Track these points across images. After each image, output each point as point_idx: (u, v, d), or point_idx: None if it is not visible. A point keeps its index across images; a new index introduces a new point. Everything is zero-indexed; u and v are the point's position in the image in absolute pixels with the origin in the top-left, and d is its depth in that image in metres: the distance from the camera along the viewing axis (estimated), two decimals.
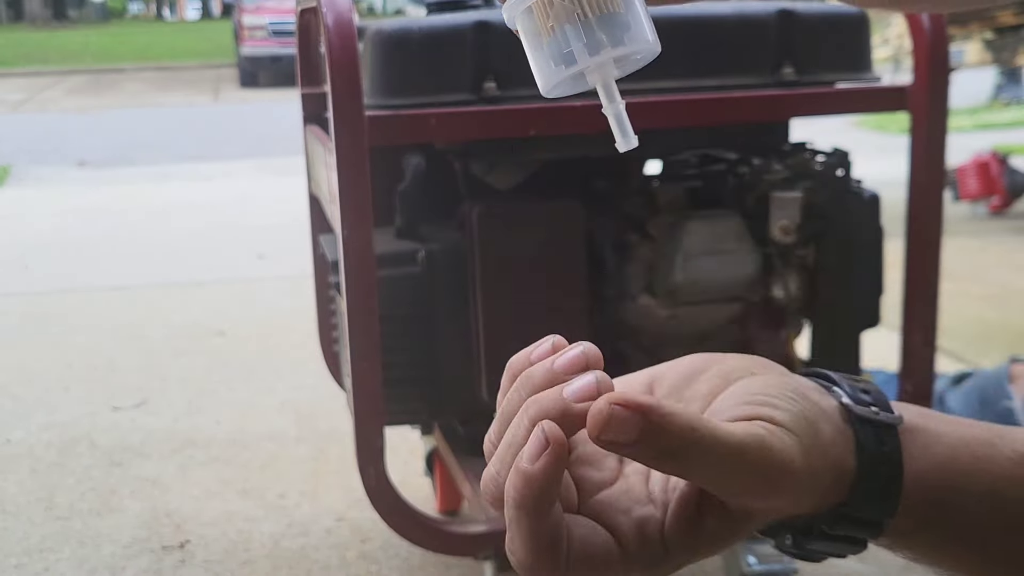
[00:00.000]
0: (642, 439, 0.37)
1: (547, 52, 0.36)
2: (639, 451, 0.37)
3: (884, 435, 0.43)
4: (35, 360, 2.42)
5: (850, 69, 1.14)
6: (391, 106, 1.02)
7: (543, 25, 0.35)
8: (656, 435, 0.37)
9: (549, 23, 0.35)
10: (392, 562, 1.43)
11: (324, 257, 1.20)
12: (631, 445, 0.37)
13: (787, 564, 1.20)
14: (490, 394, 1.13)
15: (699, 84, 1.08)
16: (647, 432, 0.37)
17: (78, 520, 1.59)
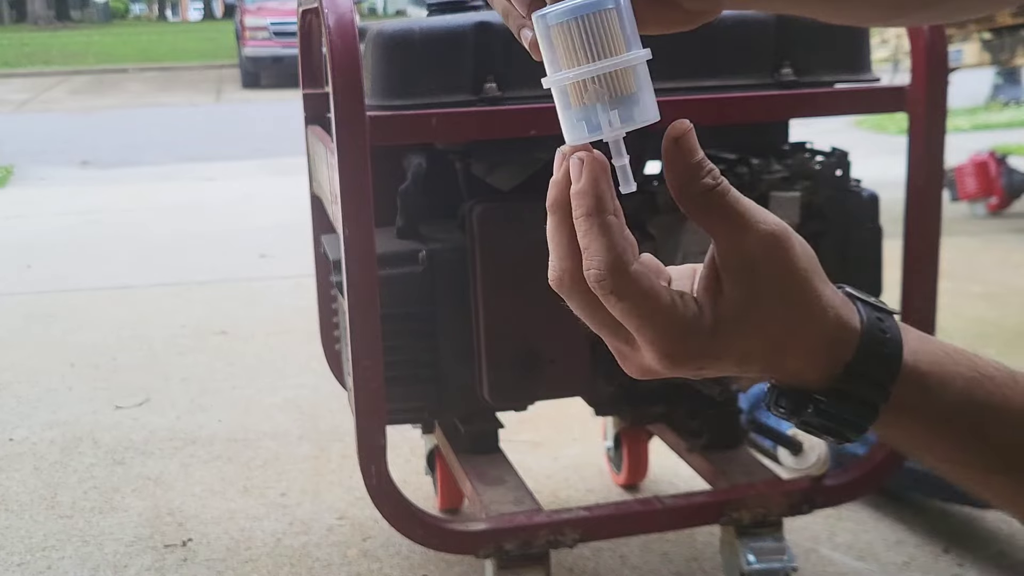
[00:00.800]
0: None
1: (576, 115, 0.48)
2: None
3: (883, 315, 0.50)
4: (38, 359, 2.43)
5: (849, 70, 1.15)
6: (392, 106, 1.02)
7: (576, 98, 0.47)
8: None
9: (583, 99, 0.47)
10: (393, 560, 1.44)
11: (326, 257, 1.21)
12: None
13: (786, 563, 1.20)
14: (491, 393, 1.13)
15: (699, 84, 1.09)
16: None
17: (81, 518, 1.60)
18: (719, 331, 0.48)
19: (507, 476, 1.23)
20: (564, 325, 1.14)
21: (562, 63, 0.47)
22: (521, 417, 1.82)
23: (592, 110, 0.47)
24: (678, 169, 0.47)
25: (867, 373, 0.49)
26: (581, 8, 0.46)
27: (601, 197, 0.47)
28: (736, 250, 0.47)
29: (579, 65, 0.46)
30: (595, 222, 0.47)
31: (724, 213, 0.47)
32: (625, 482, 1.64)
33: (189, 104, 11.61)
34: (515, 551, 1.11)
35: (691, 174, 0.47)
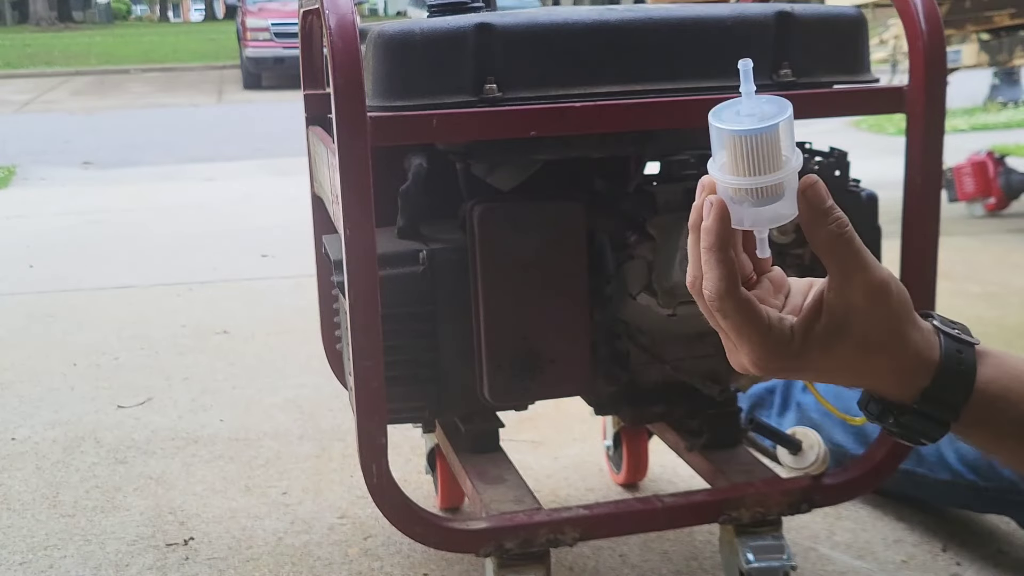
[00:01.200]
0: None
1: (741, 216, 0.60)
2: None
3: (963, 347, 0.61)
4: (40, 359, 2.44)
5: (847, 71, 1.15)
6: (393, 107, 1.03)
7: (736, 196, 0.59)
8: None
9: (742, 204, 0.59)
10: (394, 559, 1.44)
11: (327, 257, 1.21)
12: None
13: (785, 561, 1.21)
14: (491, 393, 1.14)
15: (698, 85, 1.09)
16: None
17: (83, 517, 1.60)
18: (803, 355, 0.59)
19: (507, 475, 1.24)
20: (564, 325, 1.15)
21: (727, 168, 0.59)
22: (521, 416, 1.83)
23: (741, 205, 0.59)
24: (808, 214, 0.59)
25: (940, 398, 0.61)
26: (749, 131, 0.57)
27: (721, 236, 0.59)
28: (842, 291, 0.59)
29: (740, 176, 0.58)
30: (713, 255, 0.59)
31: (841, 257, 0.58)
32: (625, 481, 1.65)
33: (191, 105, 11.62)
34: (515, 550, 1.11)
35: (819, 219, 0.59)
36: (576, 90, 1.05)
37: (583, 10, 1.09)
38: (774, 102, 0.60)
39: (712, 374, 1.21)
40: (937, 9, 1.12)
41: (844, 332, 0.59)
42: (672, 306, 1.14)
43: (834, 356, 0.60)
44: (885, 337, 0.59)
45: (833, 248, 0.58)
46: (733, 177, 0.58)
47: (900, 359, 0.60)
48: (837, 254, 0.58)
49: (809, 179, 0.58)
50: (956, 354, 0.61)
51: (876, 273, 0.59)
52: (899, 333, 0.59)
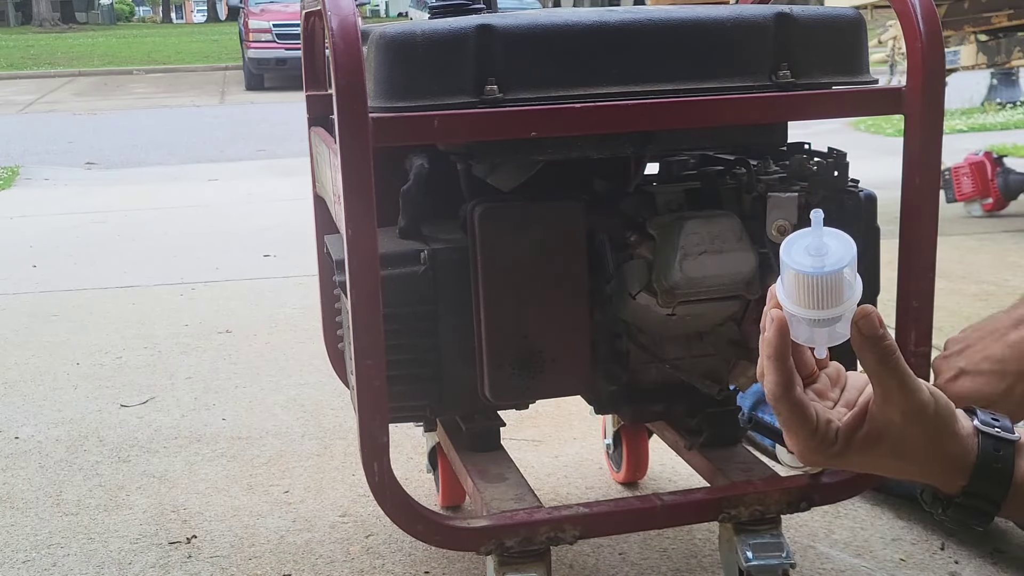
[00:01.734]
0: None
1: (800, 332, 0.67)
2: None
3: (1001, 445, 0.68)
4: (43, 358, 2.45)
5: (846, 71, 1.16)
6: (394, 108, 1.03)
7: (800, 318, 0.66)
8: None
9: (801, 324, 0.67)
10: (396, 556, 1.45)
11: (329, 257, 1.22)
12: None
13: (784, 560, 1.21)
14: (492, 392, 1.14)
15: (698, 86, 1.10)
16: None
17: (86, 516, 1.61)
18: (843, 455, 0.67)
19: (508, 473, 1.24)
20: (564, 324, 1.15)
21: (794, 299, 0.65)
22: (522, 415, 1.84)
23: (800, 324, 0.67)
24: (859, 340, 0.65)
25: (980, 494, 0.68)
26: (813, 273, 0.63)
27: (779, 348, 0.67)
28: (883, 407, 0.66)
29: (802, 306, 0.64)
30: (772, 363, 0.67)
31: (884, 379, 0.65)
32: (625, 479, 1.66)
33: (193, 105, 11.63)
34: (516, 548, 1.12)
35: (868, 346, 0.65)
36: (576, 91, 1.05)
37: (583, 11, 1.10)
38: (840, 239, 0.65)
39: (711, 373, 1.21)
40: (935, 10, 1.12)
41: (881, 441, 0.67)
42: (671, 306, 1.14)
43: (870, 458, 0.68)
44: (919, 450, 0.67)
45: (878, 372, 0.65)
46: (796, 307, 0.65)
47: (936, 464, 0.68)
48: (881, 377, 0.66)
49: (864, 311, 0.65)
50: (993, 453, 0.68)
51: (916, 396, 0.66)
52: (934, 446, 0.67)
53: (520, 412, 1.29)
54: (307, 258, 1.71)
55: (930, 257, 1.15)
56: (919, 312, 1.16)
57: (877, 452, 0.67)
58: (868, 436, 0.67)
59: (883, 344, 0.65)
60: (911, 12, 1.10)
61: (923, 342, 1.17)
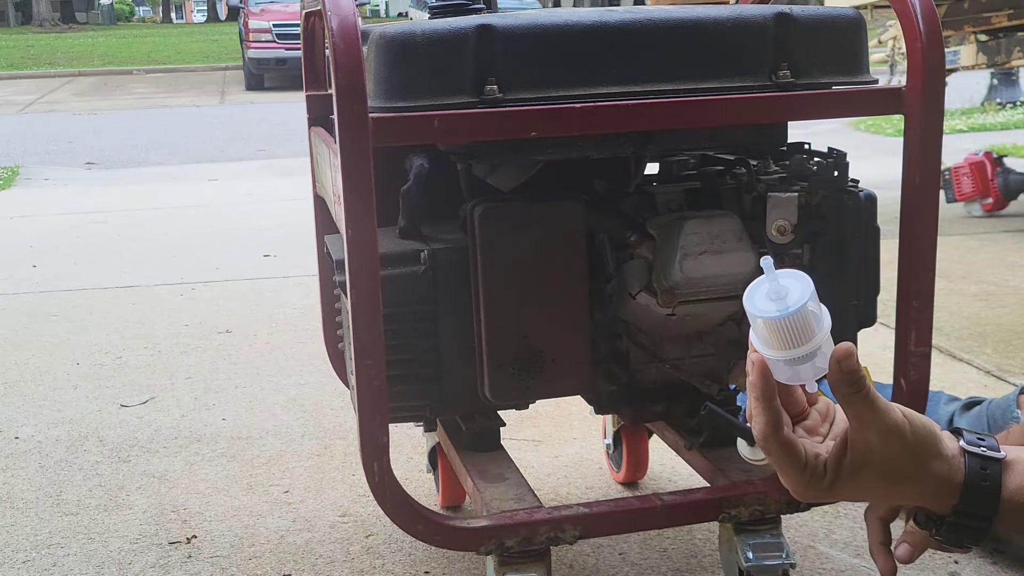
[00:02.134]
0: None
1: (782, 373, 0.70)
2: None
3: (987, 463, 0.71)
4: (43, 358, 2.45)
5: (846, 71, 1.16)
6: (394, 108, 1.03)
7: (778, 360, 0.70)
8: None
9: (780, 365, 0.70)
10: (396, 556, 1.45)
11: (329, 257, 1.22)
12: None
13: (784, 560, 1.21)
14: (492, 391, 1.14)
15: (698, 86, 1.10)
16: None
17: (86, 516, 1.61)
18: (835, 488, 0.70)
19: (508, 473, 1.24)
20: (564, 324, 1.15)
21: (769, 343, 0.68)
22: (522, 415, 1.84)
23: (781, 365, 0.69)
24: (835, 375, 0.68)
25: (970, 513, 0.71)
26: (777, 316, 0.66)
27: (763, 390, 0.70)
28: (860, 433, 0.69)
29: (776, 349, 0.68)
30: (758, 405, 0.70)
31: (857, 409, 0.68)
32: (624, 479, 1.66)
33: (193, 105, 11.63)
34: (516, 548, 1.12)
35: (843, 381, 0.68)
36: (576, 91, 1.06)
37: (583, 11, 1.10)
38: (796, 277, 0.68)
39: (711, 373, 1.21)
40: (935, 10, 1.12)
41: (866, 467, 0.70)
42: (671, 306, 1.14)
43: (862, 485, 0.71)
44: (907, 469, 0.70)
45: (850, 401, 0.68)
46: (772, 351, 0.68)
47: (924, 485, 0.70)
48: (852, 405, 0.69)
49: (846, 350, 0.68)
50: (981, 471, 0.70)
51: (888, 417, 0.69)
52: (919, 465, 0.70)
53: (520, 412, 1.29)
54: (307, 258, 1.71)
55: (930, 257, 1.15)
56: (919, 312, 1.16)
57: (866, 478, 0.70)
58: (853, 463, 0.70)
59: (856, 377, 0.68)
60: (911, 12, 1.10)
61: (923, 342, 1.17)
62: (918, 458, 0.70)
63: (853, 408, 0.69)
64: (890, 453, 0.69)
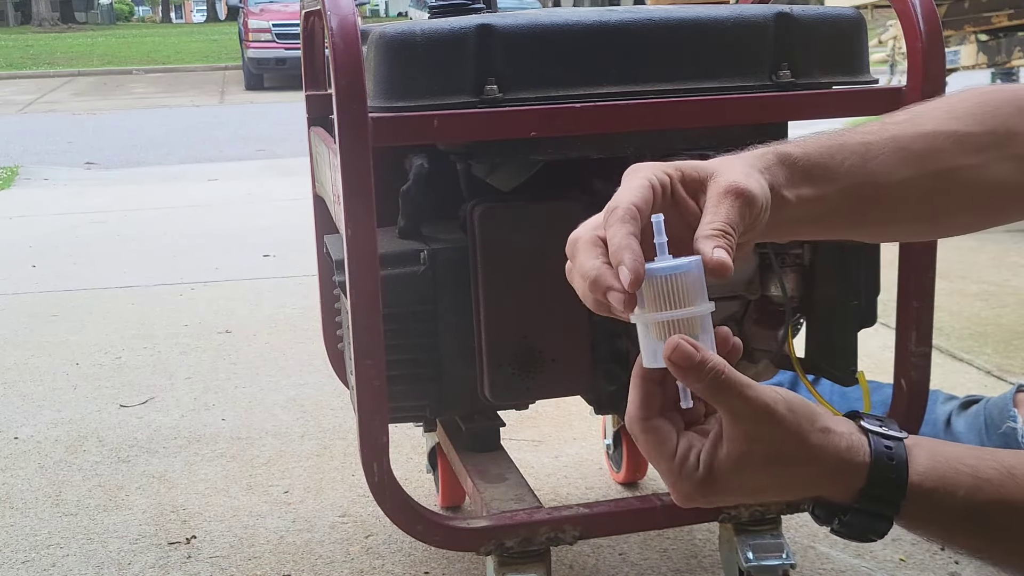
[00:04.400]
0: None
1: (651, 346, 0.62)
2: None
3: (892, 442, 0.63)
4: (43, 358, 2.45)
5: (846, 72, 1.16)
6: (394, 108, 1.03)
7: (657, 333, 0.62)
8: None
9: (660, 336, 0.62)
10: (395, 556, 1.45)
11: (328, 257, 1.22)
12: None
13: (784, 560, 1.21)
14: (492, 392, 1.14)
15: (697, 86, 1.10)
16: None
17: (85, 516, 1.61)
18: (716, 482, 0.62)
19: (508, 474, 1.24)
20: (564, 324, 1.15)
21: (648, 307, 0.61)
22: (522, 415, 1.83)
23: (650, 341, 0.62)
24: (680, 374, 0.60)
25: (878, 496, 0.63)
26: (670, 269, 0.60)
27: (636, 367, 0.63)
28: (732, 421, 0.61)
29: (661, 311, 0.61)
30: (633, 381, 0.63)
31: (720, 397, 0.61)
32: (624, 480, 1.66)
33: (193, 105, 11.63)
34: (516, 548, 1.12)
35: (691, 376, 0.60)
36: (576, 91, 1.05)
37: (583, 11, 1.10)
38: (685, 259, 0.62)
39: None
40: (935, 10, 1.12)
41: (747, 456, 0.62)
42: None
43: (749, 477, 0.62)
44: (791, 449, 0.62)
45: (713, 395, 0.61)
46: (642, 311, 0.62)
47: (820, 465, 0.63)
48: (717, 397, 0.61)
49: (670, 343, 0.60)
50: (886, 450, 0.63)
51: (759, 399, 0.61)
52: (805, 446, 0.62)
53: (520, 412, 1.29)
54: (307, 258, 1.70)
55: (930, 257, 1.15)
56: (919, 312, 1.16)
57: (751, 468, 0.62)
58: (731, 454, 0.61)
59: (706, 368, 0.60)
60: (911, 12, 1.10)
61: (923, 342, 1.17)
62: (801, 435, 0.62)
63: (719, 401, 0.61)
64: (768, 435, 0.61)
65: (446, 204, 1.20)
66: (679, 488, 0.62)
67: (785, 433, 0.61)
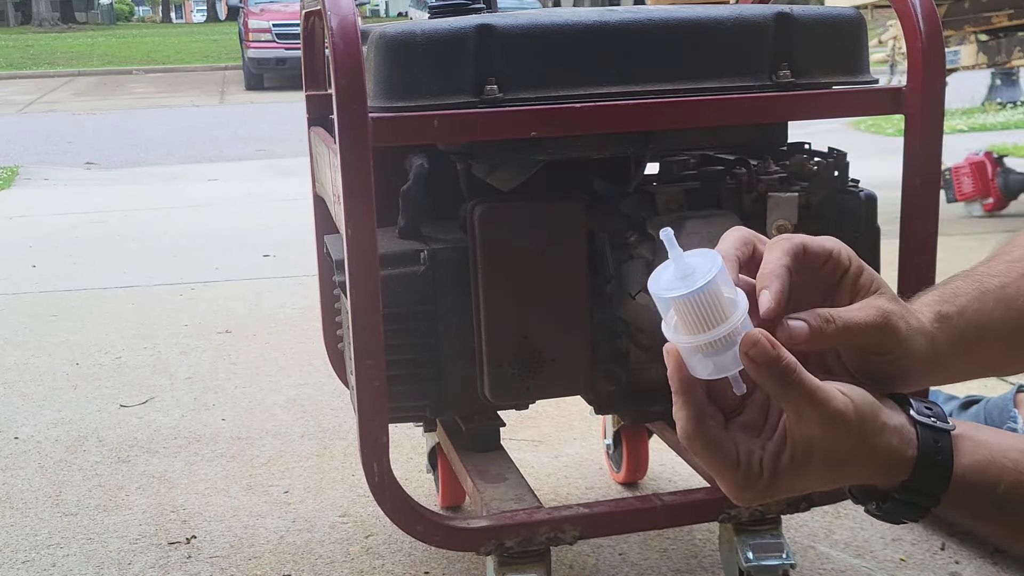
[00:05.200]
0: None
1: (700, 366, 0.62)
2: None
3: (940, 436, 0.63)
4: (43, 358, 2.45)
5: (846, 71, 1.16)
6: (394, 108, 1.03)
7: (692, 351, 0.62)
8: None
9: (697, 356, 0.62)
10: (396, 556, 1.45)
11: (328, 257, 1.22)
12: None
13: (784, 560, 1.21)
14: (491, 392, 1.14)
15: (697, 86, 1.10)
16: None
17: (86, 516, 1.61)
18: (775, 484, 0.62)
19: (508, 474, 1.24)
20: (564, 324, 1.15)
21: (679, 329, 0.61)
22: (522, 415, 1.83)
23: (697, 357, 0.61)
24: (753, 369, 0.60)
25: (920, 489, 0.64)
26: (686, 294, 0.59)
27: (682, 381, 0.62)
28: (799, 425, 0.61)
29: (690, 334, 0.60)
30: (679, 398, 0.62)
31: (791, 399, 0.60)
32: (625, 480, 1.66)
33: (193, 105, 11.63)
34: (516, 548, 1.12)
35: (764, 372, 0.60)
36: (576, 91, 1.05)
37: (583, 11, 1.10)
38: (702, 255, 0.61)
39: None
40: (935, 10, 1.12)
41: (809, 459, 0.62)
42: None
43: (805, 477, 0.63)
44: (852, 453, 0.62)
45: (782, 394, 0.60)
46: (684, 336, 0.61)
47: (872, 464, 0.63)
48: (787, 398, 0.60)
49: (751, 338, 0.59)
50: (933, 444, 0.63)
51: (830, 406, 0.61)
52: (865, 447, 0.63)
53: (520, 412, 1.29)
54: (307, 258, 1.70)
55: (930, 257, 1.15)
56: None
57: (810, 471, 0.62)
58: (794, 458, 0.62)
59: (780, 366, 0.59)
60: (911, 12, 1.10)
61: None
62: (865, 438, 0.62)
63: (789, 402, 0.61)
64: (835, 441, 0.61)
65: (446, 204, 1.20)
66: (739, 495, 0.63)
67: (848, 437, 0.62)
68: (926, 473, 0.63)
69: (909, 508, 0.65)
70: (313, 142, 1.41)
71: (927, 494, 0.63)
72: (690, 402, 0.62)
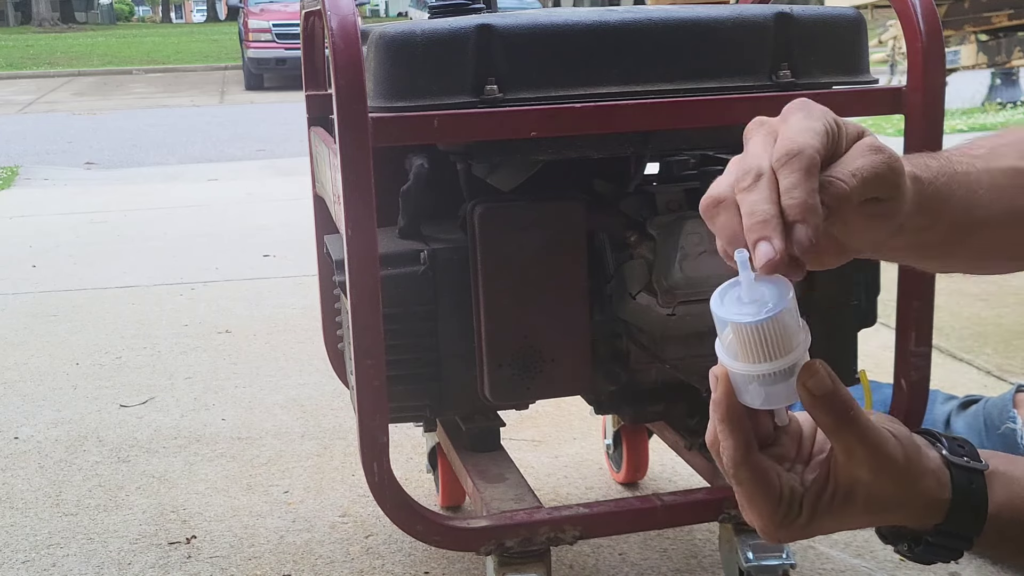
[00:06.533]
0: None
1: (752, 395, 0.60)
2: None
3: (973, 476, 0.62)
4: (43, 358, 2.45)
5: (846, 71, 1.16)
6: (394, 108, 1.03)
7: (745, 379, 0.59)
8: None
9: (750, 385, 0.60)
10: (396, 556, 1.45)
11: (328, 257, 1.22)
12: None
13: (784, 560, 1.21)
14: (492, 392, 1.14)
15: (697, 86, 1.10)
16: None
17: (85, 516, 1.61)
18: (812, 524, 0.60)
19: (508, 474, 1.24)
20: (564, 324, 1.15)
21: (736, 353, 0.58)
22: (522, 415, 1.84)
23: (750, 385, 0.59)
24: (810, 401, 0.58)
25: (954, 532, 0.62)
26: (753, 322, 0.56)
27: (730, 408, 0.60)
28: (847, 465, 0.59)
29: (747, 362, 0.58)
30: (726, 426, 0.60)
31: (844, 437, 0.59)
32: (625, 480, 1.66)
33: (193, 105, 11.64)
34: (516, 548, 1.12)
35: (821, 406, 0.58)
36: (576, 91, 1.05)
37: (583, 11, 1.10)
38: (775, 284, 0.57)
39: None
40: (935, 10, 1.12)
41: (851, 500, 0.60)
42: (672, 305, 1.14)
43: (843, 519, 0.61)
44: (896, 498, 0.61)
45: (836, 431, 0.59)
46: (741, 363, 0.58)
47: (911, 508, 0.62)
48: (839, 436, 0.59)
49: (811, 368, 0.57)
50: (968, 486, 0.62)
51: (882, 450, 0.59)
52: (909, 493, 0.61)
53: (520, 412, 1.29)
54: (307, 258, 1.70)
55: None
56: (919, 312, 1.16)
57: (849, 512, 0.60)
58: (835, 497, 0.60)
59: (838, 401, 0.57)
60: (911, 12, 1.10)
61: (923, 342, 1.17)
62: (910, 484, 0.61)
63: (840, 440, 0.59)
64: (881, 486, 0.60)
65: (446, 204, 1.20)
66: (774, 532, 0.60)
67: (893, 482, 0.60)
68: (961, 516, 0.61)
69: (942, 551, 0.63)
70: (313, 142, 1.41)
71: (962, 537, 0.62)
72: (738, 430, 0.60)
